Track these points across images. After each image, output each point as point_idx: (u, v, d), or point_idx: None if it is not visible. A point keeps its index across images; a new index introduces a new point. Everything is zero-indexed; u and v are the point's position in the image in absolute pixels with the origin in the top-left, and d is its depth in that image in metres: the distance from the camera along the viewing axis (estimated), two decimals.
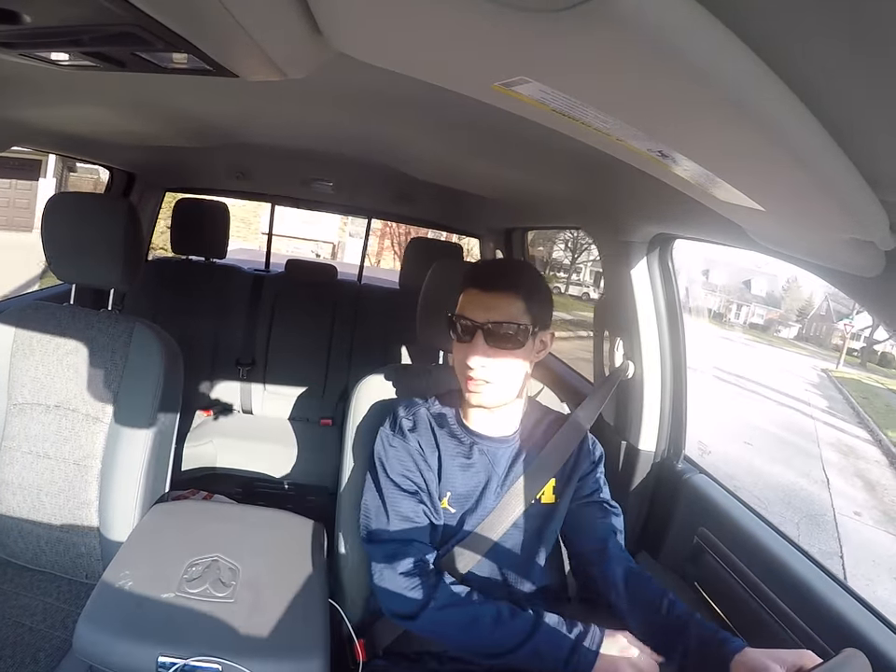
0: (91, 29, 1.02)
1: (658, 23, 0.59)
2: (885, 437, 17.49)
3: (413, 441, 1.82)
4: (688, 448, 2.37)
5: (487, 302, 1.71)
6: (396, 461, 1.80)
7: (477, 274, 1.78)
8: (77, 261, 2.11)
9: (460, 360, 1.76)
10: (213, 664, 1.43)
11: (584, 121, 0.95)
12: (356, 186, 4.07)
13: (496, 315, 1.70)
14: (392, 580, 1.68)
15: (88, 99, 1.98)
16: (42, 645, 1.82)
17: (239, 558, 1.76)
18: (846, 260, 1.15)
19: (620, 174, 1.84)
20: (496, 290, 1.72)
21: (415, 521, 1.75)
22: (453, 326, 1.78)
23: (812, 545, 8.83)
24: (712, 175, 1.03)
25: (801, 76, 0.71)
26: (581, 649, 1.52)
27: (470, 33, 0.76)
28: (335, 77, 1.45)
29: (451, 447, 1.85)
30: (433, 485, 1.81)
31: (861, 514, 10.93)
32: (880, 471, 14.50)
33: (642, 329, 2.31)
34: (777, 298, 38.87)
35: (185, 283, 4.23)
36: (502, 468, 1.85)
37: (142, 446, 2.05)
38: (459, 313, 1.76)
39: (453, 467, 1.83)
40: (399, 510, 1.76)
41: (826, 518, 10.14)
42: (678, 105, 0.79)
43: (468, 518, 1.81)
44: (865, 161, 0.85)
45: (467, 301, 1.76)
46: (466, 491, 1.82)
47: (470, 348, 1.71)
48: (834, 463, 14.01)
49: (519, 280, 1.75)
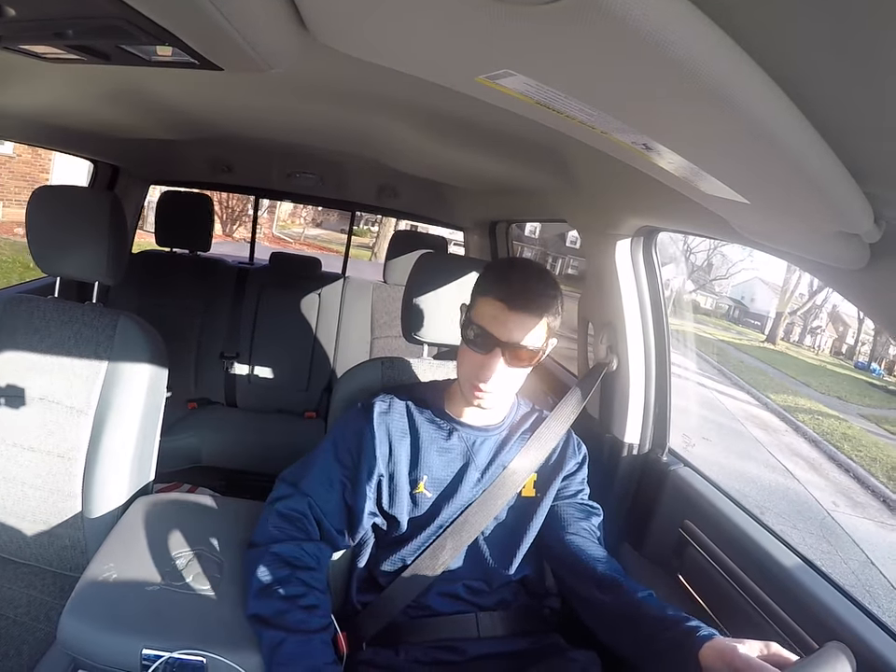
0: (76, 22, 1.02)
1: (642, 17, 0.59)
2: (770, 401, 18.35)
3: (377, 432, 1.80)
4: (672, 440, 2.38)
5: (514, 322, 1.65)
6: (347, 438, 1.81)
7: (506, 289, 1.67)
8: (61, 254, 2.10)
9: (471, 368, 1.72)
10: (197, 657, 1.43)
11: (569, 114, 0.96)
12: (340, 179, 4.07)
13: (520, 336, 1.65)
14: (268, 512, 1.73)
15: (72, 92, 1.97)
16: (26, 637, 1.82)
17: (223, 551, 1.77)
18: (831, 253, 1.16)
19: (604, 166, 1.85)
20: (524, 312, 1.65)
21: (328, 485, 1.76)
22: (469, 332, 1.72)
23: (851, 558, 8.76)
24: (696, 168, 1.03)
25: (785, 69, 0.71)
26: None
27: (454, 26, 0.76)
28: (319, 70, 1.44)
29: (429, 431, 1.84)
30: (399, 475, 1.80)
31: (838, 504, 11.08)
32: (796, 441, 15.18)
33: (626, 322, 2.31)
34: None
35: (169, 276, 4.24)
36: (483, 456, 1.85)
37: (126, 439, 2.05)
38: (480, 323, 1.68)
39: (430, 451, 1.82)
40: (321, 466, 1.78)
41: (828, 522, 10.09)
42: (662, 98, 0.79)
43: (446, 505, 1.80)
44: (849, 153, 0.86)
45: (490, 314, 1.67)
46: (443, 475, 1.82)
47: (486, 361, 1.67)
48: (769, 442, 14.27)
49: (548, 301, 1.68)
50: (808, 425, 16.30)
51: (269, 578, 1.57)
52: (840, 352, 36.47)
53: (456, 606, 1.80)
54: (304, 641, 1.47)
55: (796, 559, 1.72)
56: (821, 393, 22.23)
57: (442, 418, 1.87)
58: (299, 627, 1.49)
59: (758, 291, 41.35)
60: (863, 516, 10.75)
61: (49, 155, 15.01)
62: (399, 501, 1.80)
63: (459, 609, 1.80)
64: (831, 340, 37.78)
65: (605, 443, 2.41)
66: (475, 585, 1.82)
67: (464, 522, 1.79)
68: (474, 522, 1.79)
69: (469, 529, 1.79)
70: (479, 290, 1.75)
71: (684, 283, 16.41)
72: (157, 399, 2.14)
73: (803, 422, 16.50)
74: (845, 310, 36.35)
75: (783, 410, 17.52)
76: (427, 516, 1.81)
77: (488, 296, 1.69)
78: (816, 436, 15.44)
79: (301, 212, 31.43)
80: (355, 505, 1.77)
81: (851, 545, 9.18)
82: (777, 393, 19.69)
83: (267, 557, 1.60)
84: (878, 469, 13.28)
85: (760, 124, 0.75)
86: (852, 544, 9.21)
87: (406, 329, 2.18)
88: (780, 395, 19.51)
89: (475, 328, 1.69)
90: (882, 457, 14.19)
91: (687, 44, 0.63)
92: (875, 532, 10.04)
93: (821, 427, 16.40)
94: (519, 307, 1.64)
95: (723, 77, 0.68)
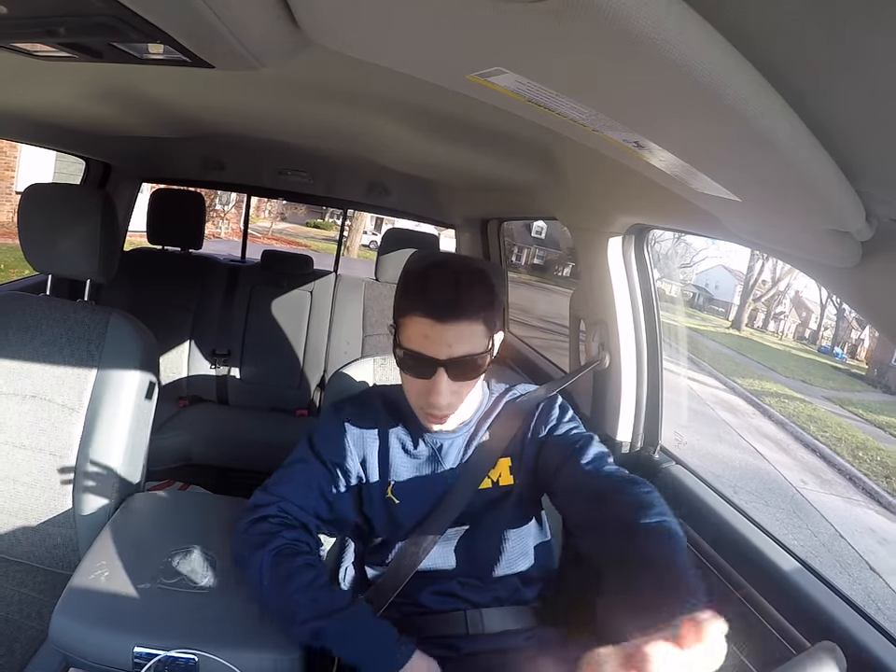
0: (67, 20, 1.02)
1: (632, 15, 0.59)
2: (737, 385, 18.88)
3: (351, 433, 1.79)
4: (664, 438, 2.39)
5: (445, 336, 1.52)
6: (324, 437, 1.80)
7: (429, 302, 1.53)
8: (52, 252, 2.10)
9: (416, 394, 1.65)
10: (189, 655, 1.43)
11: (560, 112, 0.96)
12: (332, 177, 4.08)
13: (458, 348, 1.54)
14: (240, 522, 1.69)
15: (63, 89, 1.97)
16: (18, 636, 1.82)
17: (215, 548, 1.76)
18: (823, 251, 1.16)
19: (595, 164, 1.85)
20: (454, 320, 1.52)
21: (305, 486, 1.73)
22: (404, 362, 1.62)
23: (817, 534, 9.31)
24: (688, 166, 1.04)
25: (776, 67, 0.72)
26: (381, 654, 1.47)
27: (445, 24, 0.76)
28: (310, 67, 1.44)
29: (398, 435, 1.82)
30: (370, 479, 1.79)
31: (807, 482, 11.67)
32: (764, 423, 15.85)
33: (618, 320, 2.31)
34: (556, 239, 38.64)
35: (161, 273, 4.24)
36: (452, 458, 1.82)
37: (118, 437, 2.05)
38: (411, 347, 1.57)
39: (397, 456, 1.80)
40: (299, 469, 1.76)
41: (797, 498, 10.62)
42: (653, 97, 0.79)
43: (417, 509, 1.78)
44: (841, 151, 0.86)
45: (418, 334, 1.55)
46: (410, 481, 1.79)
47: (431, 386, 1.57)
48: (738, 425, 14.80)
49: (477, 299, 1.55)
50: (775, 407, 16.91)
51: (271, 578, 1.55)
52: (803, 336, 36.91)
53: (451, 603, 1.79)
54: (346, 617, 1.49)
55: (788, 557, 1.73)
56: (786, 377, 22.89)
57: (409, 424, 1.83)
58: (333, 608, 1.50)
59: (722, 278, 41.63)
60: (831, 493, 11.41)
61: (15, 153, 14.95)
62: (374, 504, 1.79)
63: (452, 605, 1.79)
64: (794, 325, 38.13)
65: None
66: (468, 581, 1.80)
67: (438, 514, 1.77)
68: (448, 510, 1.77)
69: (444, 518, 1.77)
70: (400, 308, 1.63)
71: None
72: (148, 396, 2.14)
73: (769, 405, 17.10)
74: (807, 296, 36.79)
75: (750, 394, 18.04)
76: (400, 520, 1.79)
77: (412, 314, 1.56)
78: (783, 418, 16.06)
79: (266, 206, 31.28)
80: (336, 503, 1.76)
81: (820, 520, 9.84)
82: (745, 378, 20.21)
83: (259, 561, 1.58)
84: (843, 449, 14.04)
85: (751, 122, 0.76)
86: (821, 519, 9.79)
87: None
88: (747, 379, 20.07)
89: (407, 353, 1.59)
90: (847, 437, 15.06)
91: (678, 42, 0.63)
92: (843, 507, 10.75)
93: (787, 409, 17.08)
94: (450, 318, 1.52)
95: (715, 74, 0.68)
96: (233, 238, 23.62)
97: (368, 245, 32.66)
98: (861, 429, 16.79)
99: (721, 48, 0.67)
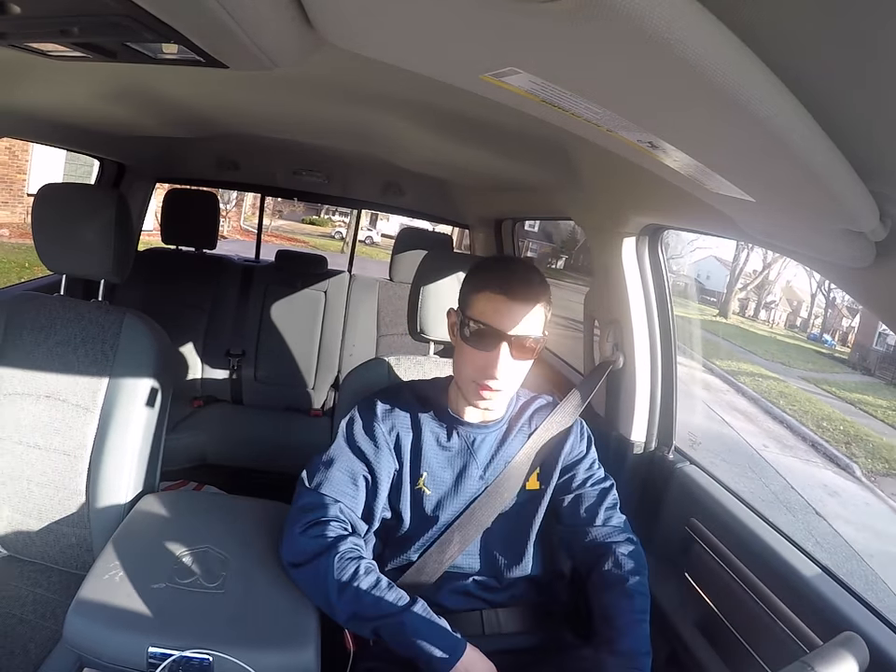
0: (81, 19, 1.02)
1: (648, 15, 0.59)
2: (715, 366, 19.28)
3: (383, 425, 1.80)
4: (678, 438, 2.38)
5: (516, 312, 1.63)
6: (359, 432, 1.80)
7: (503, 279, 1.65)
8: (67, 252, 2.10)
9: (475, 367, 1.69)
10: (204, 655, 1.43)
11: (574, 112, 0.95)
12: (346, 177, 4.08)
13: (524, 326, 1.63)
14: (295, 526, 1.70)
15: (77, 89, 1.97)
16: (32, 636, 1.82)
17: (229, 549, 1.76)
18: (836, 251, 1.15)
19: (610, 164, 1.84)
20: (525, 300, 1.63)
21: (353, 484, 1.75)
22: (469, 330, 1.68)
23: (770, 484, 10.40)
24: (702, 166, 1.03)
25: (791, 67, 0.71)
26: (437, 652, 1.54)
27: (460, 24, 0.76)
28: (325, 67, 1.44)
29: (430, 429, 1.84)
30: (403, 470, 1.81)
31: (768, 446, 12.54)
32: (736, 399, 16.55)
33: (633, 320, 2.31)
34: (549, 233, 38.58)
35: (175, 273, 4.24)
36: (484, 453, 1.85)
37: (132, 437, 2.05)
38: (480, 319, 1.65)
39: (430, 448, 1.82)
40: (342, 466, 1.76)
41: (756, 457, 11.55)
42: (668, 97, 0.79)
43: (448, 502, 1.81)
44: (856, 151, 0.85)
45: (490, 308, 1.64)
46: (443, 474, 1.82)
47: (492, 358, 1.64)
48: (710, 399, 15.41)
49: (544, 289, 1.68)
50: (749, 385, 17.50)
51: (336, 583, 1.60)
52: (795, 325, 37.01)
53: (467, 602, 1.81)
54: (407, 618, 1.56)
55: (803, 557, 1.73)
56: (766, 359, 23.34)
57: (443, 416, 1.85)
58: (394, 609, 1.57)
59: (713, 269, 41.76)
60: (791, 455, 12.33)
61: (26, 156, 15.09)
62: (403, 497, 1.80)
63: (470, 605, 1.81)
64: (785, 314, 38.18)
65: (611, 441, 2.41)
66: (486, 581, 1.83)
67: (469, 517, 1.79)
68: (480, 517, 1.80)
69: (475, 524, 1.79)
70: (473, 287, 1.72)
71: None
72: (163, 396, 2.13)
73: (744, 383, 17.69)
74: (798, 285, 36.88)
75: (726, 373, 18.52)
76: (430, 513, 1.81)
77: (486, 290, 1.66)
78: (755, 394, 16.70)
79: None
80: (374, 499, 1.78)
81: (775, 475, 10.85)
82: (723, 360, 20.67)
83: (322, 567, 1.62)
84: (809, 420, 14.84)
85: (766, 123, 0.75)
86: (776, 474, 10.67)
87: (412, 327, 2.18)
88: (726, 361, 20.53)
89: (476, 324, 1.66)
90: (814, 410, 15.77)
91: (693, 42, 0.63)
92: (800, 467, 11.74)
93: (760, 386, 17.72)
94: (520, 297, 1.63)
95: (730, 75, 0.68)
96: (235, 236, 23.97)
97: (363, 240, 32.85)
98: (830, 405, 17.42)
99: (736, 48, 0.66)
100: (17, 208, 15.40)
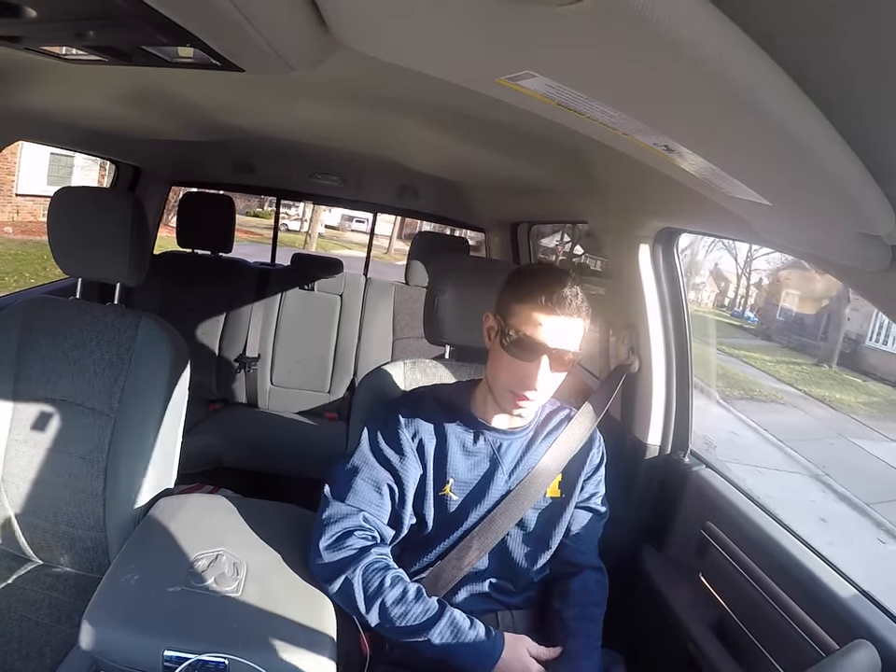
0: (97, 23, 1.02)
1: (664, 19, 0.58)
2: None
3: (407, 431, 1.80)
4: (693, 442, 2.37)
5: (559, 326, 1.62)
6: (382, 439, 1.80)
7: (548, 295, 1.62)
8: (82, 255, 2.11)
9: (513, 377, 1.68)
10: (220, 658, 1.43)
11: (590, 116, 0.95)
12: (361, 180, 4.09)
13: (564, 341, 1.63)
14: (321, 540, 1.71)
15: (93, 93, 1.98)
16: (48, 639, 1.82)
17: (245, 552, 1.76)
18: (852, 255, 1.15)
19: (625, 168, 1.84)
20: (569, 315, 1.62)
21: (377, 493, 1.76)
22: (509, 339, 1.66)
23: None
24: (718, 170, 1.03)
25: (807, 71, 0.71)
26: (481, 650, 1.61)
27: (476, 27, 0.76)
28: (340, 71, 1.44)
29: (455, 433, 1.83)
30: (427, 475, 1.80)
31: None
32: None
33: (648, 324, 2.31)
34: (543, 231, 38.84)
35: (191, 277, 4.25)
36: (510, 459, 1.84)
37: (148, 440, 2.05)
38: (523, 331, 1.63)
39: (456, 453, 1.81)
40: (365, 476, 1.76)
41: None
42: (684, 101, 0.79)
43: (473, 508, 1.80)
44: (872, 155, 0.85)
45: (534, 321, 1.63)
46: (469, 478, 1.81)
47: (531, 369, 1.64)
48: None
49: (584, 303, 1.66)
50: None
51: (365, 594, 1.65)
52: (722, 304, 38.00)
53: (483, 604, 1.82)
54: (442, 626, 1.61)
55: (818, 560, 1.73)
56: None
57: (469, 421, 1.84)
58: (426, 620, 1.62)
59: None
60: None
61: (15, 158, 15.41)
62: (427, 502, 1.80)
63: (486, 606, 1.82)
64: (713, 294, 38.91)
65: (627, 444, 2.41)
66: (502, 584, 1.84)
67: (490, 523, 1.79)
68: (501, 523, 1.79)
69: (495, 531, 1.79)
70: (516, 297, 1.68)
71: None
72: (178, 400, 2.14)
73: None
74: (726, 267, 37.72)
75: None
76: (454, 518, 1.81)
77: (531, 302, 1.64)
78: None
79: None
80: (402, 507, 1.78)
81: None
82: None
83: (352, 578, 1.65)
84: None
85: (782, 126, 0.75)
86: None
87: (428, 331, 2.17)
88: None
89: (517, 335, 1.64)
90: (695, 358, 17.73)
91: (709, 45, 0.62)
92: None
93: None
94: (565, 312, 1.62)
95: (746, 79, 0.67)
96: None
97: (321, 234, 33.42)
98: (719, 359, 20.59)
99: (751, 51, 0.66)
100: (6, 207, 15.94)
